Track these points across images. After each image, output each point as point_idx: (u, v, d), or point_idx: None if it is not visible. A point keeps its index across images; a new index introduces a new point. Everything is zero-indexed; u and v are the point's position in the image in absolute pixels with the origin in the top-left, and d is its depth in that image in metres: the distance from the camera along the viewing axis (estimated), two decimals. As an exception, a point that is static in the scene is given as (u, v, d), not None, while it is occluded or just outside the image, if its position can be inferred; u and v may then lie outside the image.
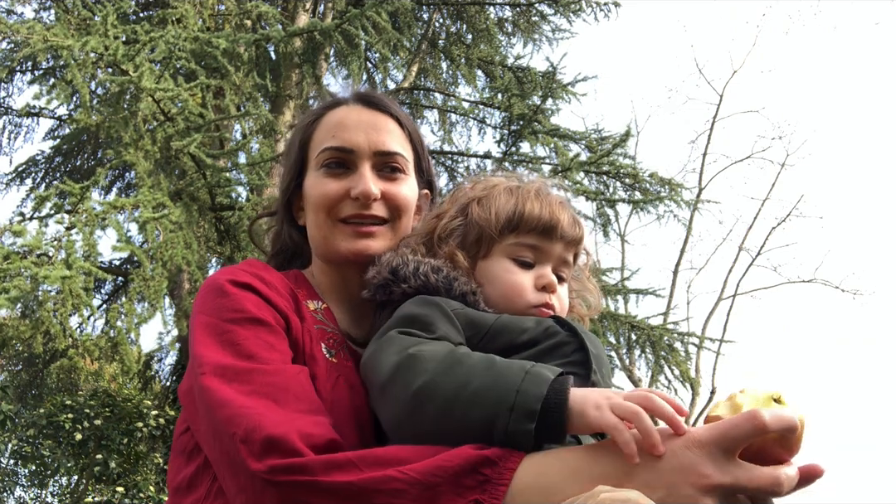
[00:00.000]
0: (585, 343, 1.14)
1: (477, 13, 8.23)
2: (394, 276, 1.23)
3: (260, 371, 1.05)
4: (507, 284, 1.25)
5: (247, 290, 1.17)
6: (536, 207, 1.27)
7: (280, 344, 1.13)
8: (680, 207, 6.93)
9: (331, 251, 1.34)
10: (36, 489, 10.98)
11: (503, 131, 7.27)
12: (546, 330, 1.16)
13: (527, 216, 1.26)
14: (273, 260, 1.50)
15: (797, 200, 16.72)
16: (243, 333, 1.10)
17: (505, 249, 1.27)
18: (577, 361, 1.12)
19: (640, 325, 6.68)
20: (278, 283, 1.24)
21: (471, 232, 1.29)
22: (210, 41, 5.65)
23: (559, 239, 1.27)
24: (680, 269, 15.53)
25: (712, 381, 14.20)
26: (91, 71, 5.06)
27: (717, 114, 16.55)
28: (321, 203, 1.33)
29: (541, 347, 1.14)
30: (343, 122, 1.36)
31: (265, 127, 6.09)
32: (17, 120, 8.34)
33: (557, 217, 1.27)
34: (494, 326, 1.15)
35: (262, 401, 1.01)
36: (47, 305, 4.28)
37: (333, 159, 1.34)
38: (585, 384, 1.09)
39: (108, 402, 8.85)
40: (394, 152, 1.35)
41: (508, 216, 1.27)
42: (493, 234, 1.27)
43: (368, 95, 1.40)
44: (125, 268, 7.12)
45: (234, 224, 5.57)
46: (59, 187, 4.66)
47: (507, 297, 1.24)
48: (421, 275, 1.21)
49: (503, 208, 1.28)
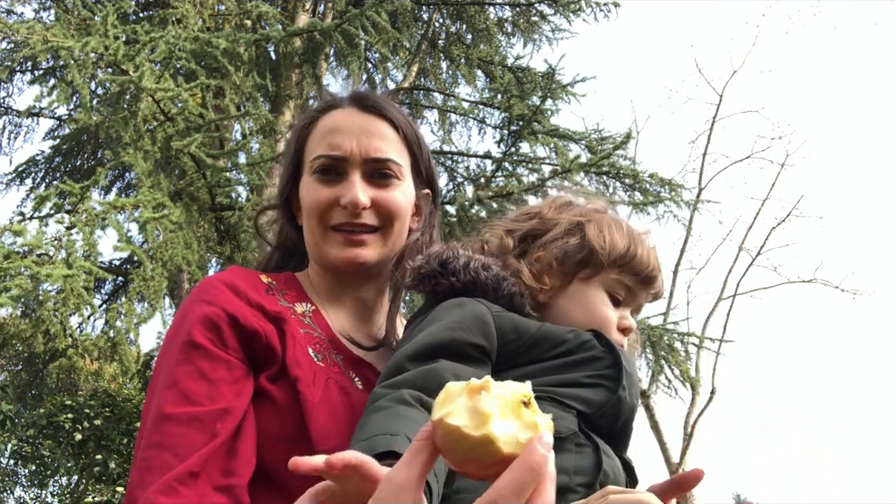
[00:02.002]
0: (621, 359, 1.15)
1: (477, 13, 8.23)
2: (443, 269, 1.23)
3: (185, 418, 1.07)
4: (597, 315, 1.26)
5: (211, 308, 1.17)
6: (645, 255, 1.31)
7: (214, 372, 1.11)
8: (680, 207, 6.93)
9: (323, 258, 1.35)
10: (36, 489, 10.98)
11: (503, 131, 7.27)
12: (583, 343, 1.17)
13: (637, 259, 1.30)
14: (276, 253, 1.50)
15: (797, 200, 16.75)
16: (184, 369, 1.11)
17: (606, 281, 1.29)
18: (609, 376, 1.13)
19: (640, 325, 6.67)
20: (252, 292, 1.23)
21: (581, 251, 1.30)
22: (210, 41, 5.65)
23: (651, 290, 1.33)
24: (680, 269, 15.54)
25: (712, 381, 14.21)
26: (91, 71, 5.06)
27: (716, 114, 16.58)
28: (313, 210, 1.33)
29: (575, 358, 1.15)
30: (336, 127, 1.35)
31: (265, 127, 6.09)
32: (17, 120, 8.34)
33: (658, 271, 1.33)
34: (537, 335, 1.16)
35: (161, 456, 1.04)
36: (48, 304, 4.29)
37: (325, 166, 1.33)
38: (611, 398, 1.11)
39: (108, 402, 8.86)
40: (385, 159, 1.34)
41: (622, 252, 1.29)
42: (603, 262, 1.29)
43: (364, 97, 1.39)
44: (125, 268, 7.13)
45: (234, 224, 5.57)
46: (59, 187, 4.66)
47: (591, 326, 1.25)
48: (471, 270, 1.22)
49: (619, 242, 1.30)
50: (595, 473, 1.02)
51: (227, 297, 1.19)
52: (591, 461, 1.03)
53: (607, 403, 1.10)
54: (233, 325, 1.15)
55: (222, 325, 1.14)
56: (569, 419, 1.06)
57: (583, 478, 1.02)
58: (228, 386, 1.11)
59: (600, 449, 1.05)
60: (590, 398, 1.10)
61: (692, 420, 13.80)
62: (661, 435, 13.45)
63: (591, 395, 1.11)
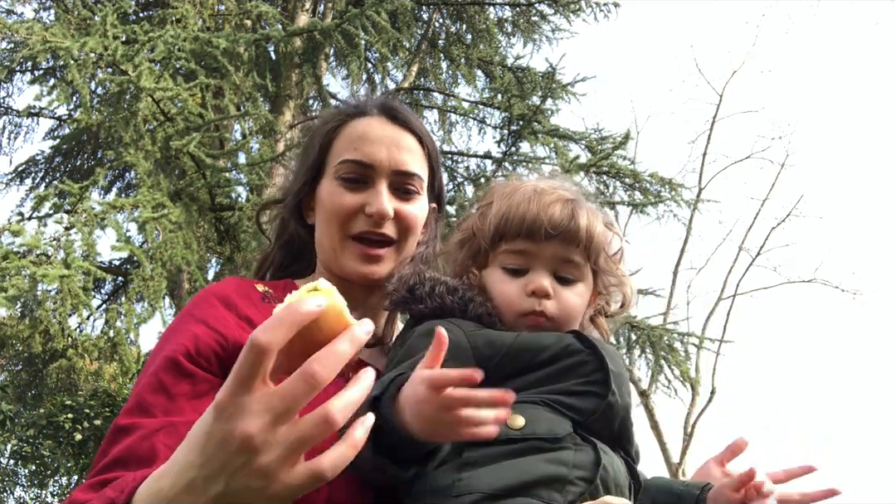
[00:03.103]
0: (606, 362, 1.10)
1: (477, 13, 8.22)
2: (411, 295, 1.21)
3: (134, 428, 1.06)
4: (498, 296, 1.21)
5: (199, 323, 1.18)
6: (522, 208, 1.20)
7: (176, 387, 1.11)
8: (680, 207, 6.93)
9: (338, 266, 1.35)
10: (36, 489, 10.98)
11: (503, 131, 7.26)
12: (566, 347, 1.12)
13: (511, 220, 1.20)
14: (279, 252, 1.49)
15: (797, 200, 16.71)
16: (148, 381, 1.11)
17: (496, 259, 1.23)
18: (597, 381, 1.10)
19: (640, 325, 6.68)
20: (244, 304, 1.23)
21: (474, 245, 1.26)
22: (210, 41, 5.65)
23: (548, 238, 1.18)
24: (680, 269, 15.52)
25: (712, 381, 14.19)
26: (91, 71, 5.06)
27: (716, 114, 16.54)
28: (334, 215, 1.33)
29: (560, 366, 1.11)
30: (366, 134, 1.35)
31: (265, 127, 6.08)
32: (17, 120, 8.34)
33: (544, 214, 1.18)
34: (513, 346, 1.11)
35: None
36: (46, 305, 4.28)
37: (352, 173, 1.33)
38: (601, 404, 1.08)
39: (108, 402, 8.86)
40: (412, 173, 1.35)
41: (497, 223, 1.21)
42: (486, 245, 1.23)
43: (394, 109, 1.40)
44: (125, 268, 7.12)
45: (233, 224, 5.57)
46: (59, 187, 4.66)
47: (501, 310, 1.20)
48: (437, 296, 1.19)
49: (494, 216, 1.22)
50: (594, 469, 1.02)
51: (217, 313, 1.20)
52: (590, 458, 1.03)
53: (598, 410, 1.08)
54: (218, 343, 1.15)
55: (204, 345, 1.14)
56: (565, 423, 1.06)
57: (582, 472, 1.02)
58: (188, 401, 1.10)
59: (598, 448, 1.05)
60: (581, 407, 1.08)
61: (692, 420, 13.78)
62: (661, 435, 13.44)
63: (582, 403, 1.08)
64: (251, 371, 0.74)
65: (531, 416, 1.04)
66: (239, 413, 0.73)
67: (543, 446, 1.02)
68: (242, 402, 0.74)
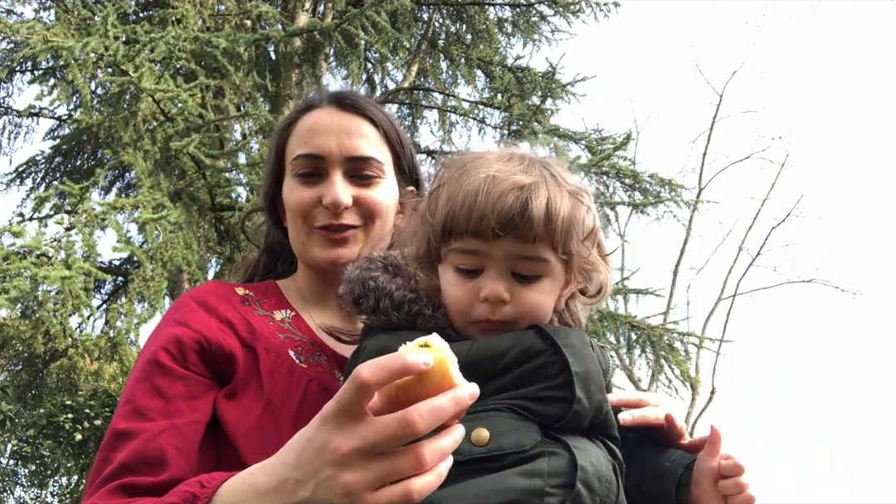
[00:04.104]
0: (568, 363, 1.00)
1: (477, 13, 8.23)
2: (357, 307, 1.13)
3: (133, 433, 1.08)
4: (450, 301, 1.08)
5: (181, 326, 1.19)
6: (468, 202, 1.02)
7: (170, 389, 1.12)
8: (680, 207, 6.94)
9: (308, 257, 1.36)
10: (36, 489, 10.98)
11: (503, 131, 7.27)
12: (527, 350, 1.02)
13: (457, 216, 1.03)
14: (263, 257, 1.51)
15: (797, 200, 16.72)
16: (142, 386, 1.13)
17: (448, 257, 1.08)
18: (562, 385, 1.00)
19: (640, 324, 6.69)
20: (224, 307, 1.25)
21: (423, 241, 1.11)
22: (210, 41, 5.65)
23: (499, 236, 1.02)
24: (680, 269, 15.53)
25: (712, 381, 14.20)
26: (91, 71, 5.06)
27: (716, 114, 16.56)
28: (296, 212, 1.33)
29: (523, 371, 1.02)
30: (315, 127, 1.34)
31: (265, 127, 6.08)
32: (17, 120, 8.33)
33: (491, 211, 1.01)
34: (469, 356, 1.00)
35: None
36: (47, 305, 4.29)
37: (305, 167, 1.33)
38: (569, 410, 0.99)
39: (108, 402, 8.85)
40: (366, 157, 1.33)
41: (443, 218, 1.05)
42: (435, 242, 1.08)
43: (342, 96, 1.38)
44: (125, 268, 7.12)
45: (233, 224, 5.58)
46: (59, 188, 4.67)
47: (453, 316, 1.09)
48: (382, 312, 1.10)
49: (441, 207, 1.06)
50: (572, 473, 0.96)
51: (197, 315, 1.21)
52: (565, 461, 0.98)
53: (566, 416, 1.01)
54: (199, 343, 1.16)
55: (187, 346, 1.15)
56: (532, 429, 1.00)
57: (559, 479, 0.96)
58: (185, 402, 1.11)
59: (571, 448, 0.99)
60: (547, 413, 1.01)
61: (692, 420, 13.80)
62: (661, 435, 13.44)
63: (548, 410, 1.01)
64: (352, 401, 0.79)
65: (496, 428, 0.98)
66: (339, 429, 0.79)
67: (514, 459, 0.96)
68: (343, 422, 0.79)
